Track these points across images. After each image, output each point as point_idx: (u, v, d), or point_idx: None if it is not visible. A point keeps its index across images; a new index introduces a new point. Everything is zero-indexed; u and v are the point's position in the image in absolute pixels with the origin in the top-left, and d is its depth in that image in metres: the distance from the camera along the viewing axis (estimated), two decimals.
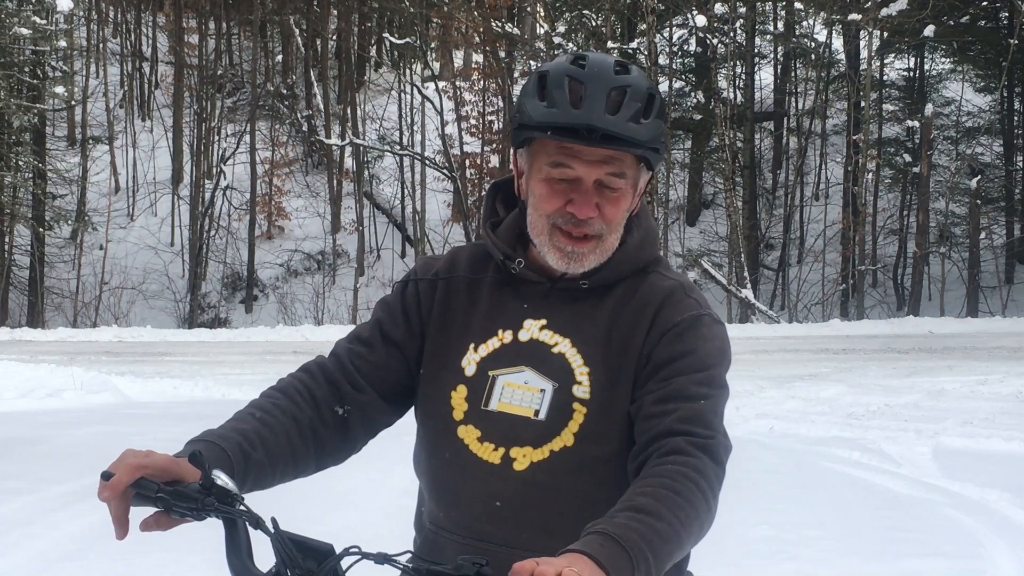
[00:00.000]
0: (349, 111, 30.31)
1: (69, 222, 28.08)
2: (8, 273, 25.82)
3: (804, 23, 28.27)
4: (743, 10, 26.03)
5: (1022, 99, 27.58)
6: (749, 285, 23.41)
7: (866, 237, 25.49)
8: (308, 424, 1.81)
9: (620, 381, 1.77)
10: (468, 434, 1.81)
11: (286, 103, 32.68)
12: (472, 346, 1.85)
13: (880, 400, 10.69)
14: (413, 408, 1.93)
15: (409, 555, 1.42)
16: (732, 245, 24.02)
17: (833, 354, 15.74)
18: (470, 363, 1.84)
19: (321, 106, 30.95)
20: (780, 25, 28.79)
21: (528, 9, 31.34)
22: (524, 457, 1.76)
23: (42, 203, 26.76)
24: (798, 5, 26.49)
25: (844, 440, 8.51)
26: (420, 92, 28.37)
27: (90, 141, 29.64)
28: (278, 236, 30.08)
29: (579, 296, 1.83)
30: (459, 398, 1.83)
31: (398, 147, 29.30)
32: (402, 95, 30.25)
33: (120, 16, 36.54)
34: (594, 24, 27.12)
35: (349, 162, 29.87)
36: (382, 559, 1.41)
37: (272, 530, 1.51)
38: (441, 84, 28.54)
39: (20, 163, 26.36)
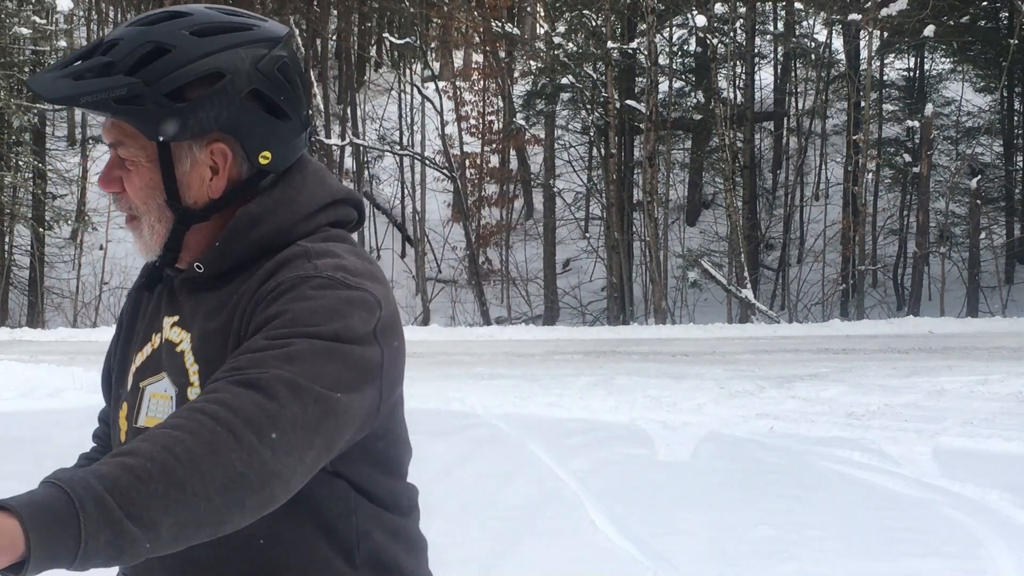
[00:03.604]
0: (349, 111, 30.30)
1: (69, 222, 28.07)
2: (8, 273, 25.82)
3: (804, 23, 28.27)
4: (743, 10, 26.02)
5: (1022, 99, 27.56)
6: (749, 285, 23.40)
7: (866, 237, 25.48)
8: None
9: None
10: None
11: None
12: (134, 358, 1.63)
13: (880, 400, 10.67)
14: None
15: None
16: (732, 245, 24.02)
17: (833, 354, 15.71)
18: (130, 377, 1.61)
19: (321, 106, 30.92)
20: (780, 25, 28.79)
21: (528, 9, 31.35)
22: None
23: (42, 203, 26.75)
24: (798, 5, 26.50)
25: (844, 440, 8.49)
26: (420, 92, 28.35)
27: (90, 141, 29.61)
28: None
29: (202, 284, 1.54)
30: (123, 418, 1.60)
31: (398, 147, 29.29)
32: (402, 95, 30.25)
33: (120, 16, 36.54)
34: (594, 24, 27.09)
35: (349, 162, 29.86)
36: None
37: None
38: (441, 84, 28.53)
39: (20, 163, 26.36)
